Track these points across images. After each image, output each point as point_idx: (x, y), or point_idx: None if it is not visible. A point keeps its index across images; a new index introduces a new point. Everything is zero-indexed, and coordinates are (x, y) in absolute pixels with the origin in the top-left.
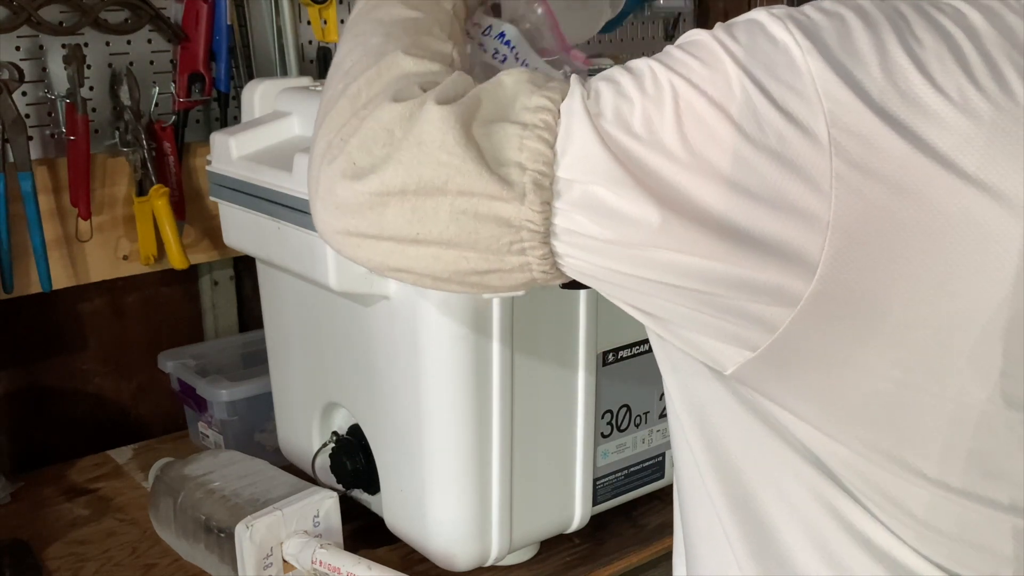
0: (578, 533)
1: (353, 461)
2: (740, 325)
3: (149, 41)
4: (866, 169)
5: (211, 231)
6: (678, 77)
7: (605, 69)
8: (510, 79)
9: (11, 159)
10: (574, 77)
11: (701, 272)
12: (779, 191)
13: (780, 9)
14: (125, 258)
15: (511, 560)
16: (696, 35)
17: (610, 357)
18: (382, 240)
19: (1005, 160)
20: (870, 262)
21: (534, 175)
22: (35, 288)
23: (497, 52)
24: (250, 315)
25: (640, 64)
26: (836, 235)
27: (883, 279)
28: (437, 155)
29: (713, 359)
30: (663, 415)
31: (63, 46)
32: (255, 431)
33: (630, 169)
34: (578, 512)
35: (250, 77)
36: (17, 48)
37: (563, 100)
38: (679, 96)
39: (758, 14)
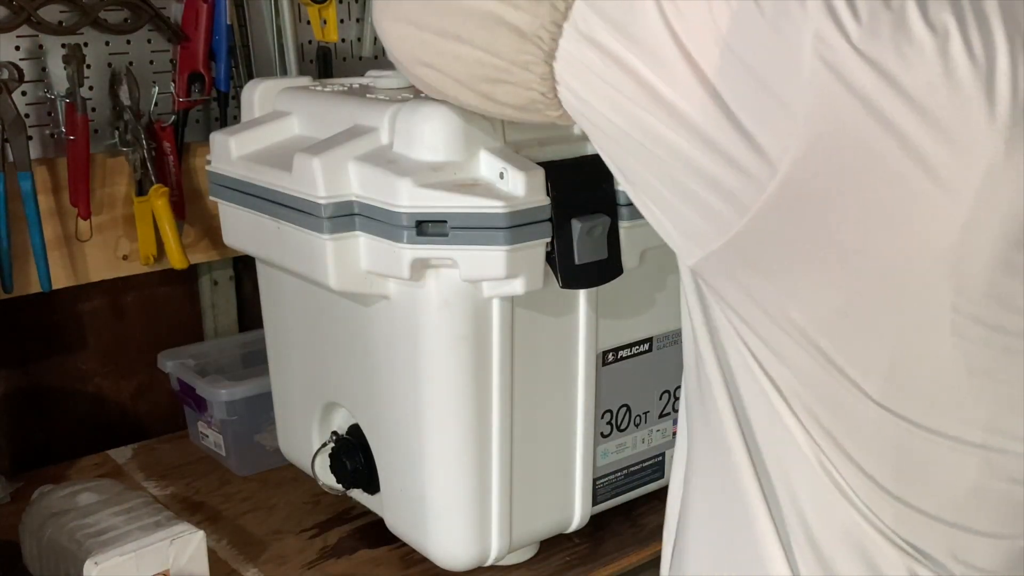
0: (578, 533)
1: (353, 461)
2: (701, 215)
3: (149, 41)
4: (841, 80)
5: (211, 231)
6: None
7: None
8: None
9: (11, 159)
10: None
11: (674, 147)
12: (757, 90)
13: None
14: (125, 258)
15: (511, 560)
16: None
17: (610, 357)
18: (420, 28)
19: (967, 113)
20: (832, 175)
21: None
22: (35, 288)
23: None
24: (250, 315)
25: None
26: (802, 143)
27: (841, 196)
28: None
29: (677, 245)
30: (663, 415)
31: (63, 46)
32: (255, 431)
33: (641, 18)
34: (578, 512)
35: (250, 77)
36: (17, 48)
37: None
38: None
39: None
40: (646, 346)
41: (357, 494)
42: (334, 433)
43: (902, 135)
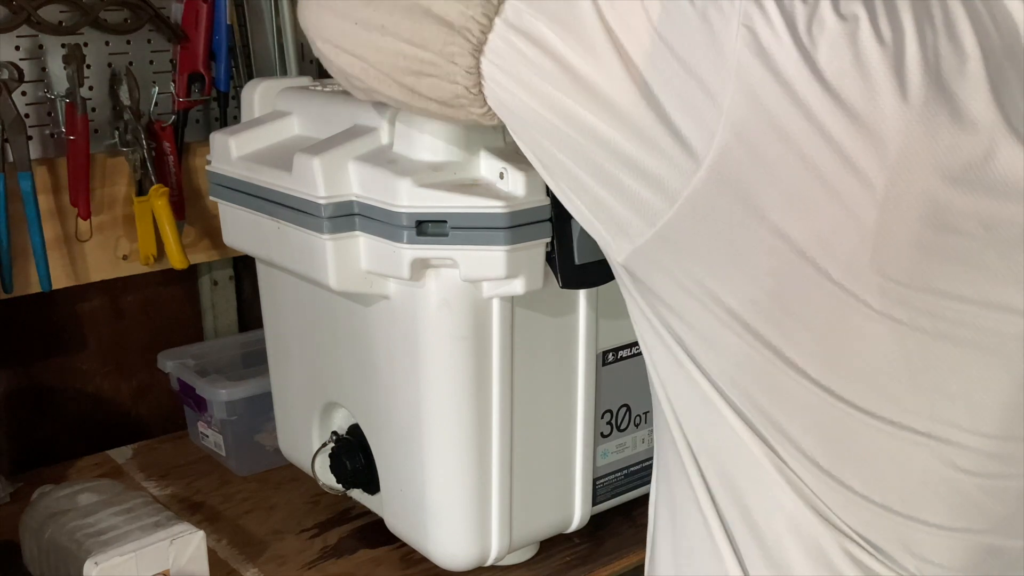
0: (578, 533)
1: (353, 461)
2: (630, 206)
3: (149, 41)
4: (766, 65)
5: (211, 231)
6: None
7: None
8: None
9: (11, 159)
10: None
11: (604, 138)
12: (686, 76)
13: None
14: (125, 258)
15: (511, 560)
16: None
17: (610, 357)
18: (342, 18)
19: (877, 97)
20: (755, 161)
21: None
22: (35, 288)
23: None
24: (250, 315)
25: None
26: (728, 127)
27: (763, 182)
28: None
29: (607, 241)
30: None
31: (63, 46)
32: (255, 431)
33: (574, 8)
34: (578, 512)
35: (250, 77)
36: (17, 48)
37: None
38: None
39: None
40: None
41: (357, 494)
42: (334, 433)
43: (818, 121)
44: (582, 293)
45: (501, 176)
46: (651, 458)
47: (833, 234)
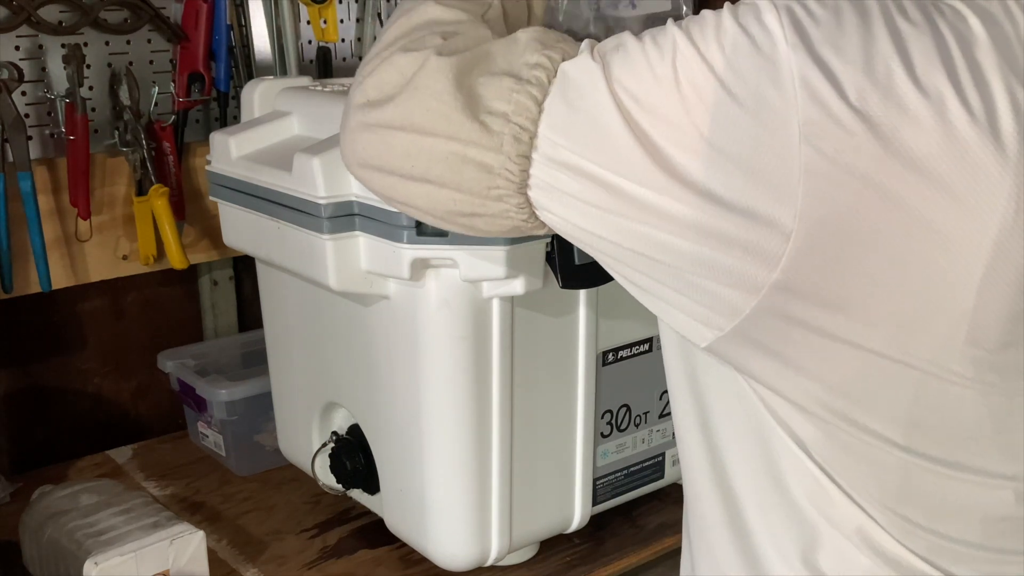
0: (578, 533)
1: (353, 461)
2: (707, 305)
3: (149, 41)
4: (836, 163)
5: (211, 231)
6: (678, 51)
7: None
8: (524, 35)
9: (11, 159)
10: (586, 41)
11: (672, 248)
12: (749, 182)
13: None
14: (125, 258)
15: (511, 560)
16: (702, 15)
17: (610, 357)
18: (386, 173)
19: (975, 173)
20: (833, 259)
21: (515, 128)
22: (35, 288)
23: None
24: (250, 315)
25: (647, 36)
26: (802, 229)
27: (844, 277)
28: (428, 101)
29: (686, 333)
30: (663, 415)
31: (63, 46)
32: (255, 431)
33: (609, 134)
34: (578, 512)
35: (249, 77)
36: (17, 48)
37: (564, 61)
38: (678, 70)
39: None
40: (646, 346)
41: (357, 494)
42: (334, 433)
43: (907, 207)
44: (582, 293)
45: None
46: (651, 458)
47: (924, 319)
